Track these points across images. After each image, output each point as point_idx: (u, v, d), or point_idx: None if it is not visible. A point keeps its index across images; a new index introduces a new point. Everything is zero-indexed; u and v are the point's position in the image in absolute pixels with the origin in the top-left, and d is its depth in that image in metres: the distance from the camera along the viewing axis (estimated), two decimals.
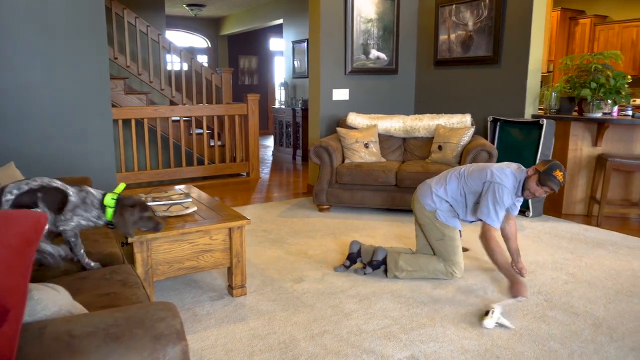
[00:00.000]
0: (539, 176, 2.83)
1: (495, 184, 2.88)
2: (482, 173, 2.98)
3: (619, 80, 4.55)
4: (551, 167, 2.82)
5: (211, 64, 12.40)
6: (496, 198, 2.86)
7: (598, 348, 2.38)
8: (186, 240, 2.71)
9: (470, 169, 3.09)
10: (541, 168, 2.85)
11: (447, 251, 3.15)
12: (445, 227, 3.13)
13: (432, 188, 3.18)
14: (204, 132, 6.37)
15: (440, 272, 3.16)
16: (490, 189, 2.88)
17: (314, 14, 5.46)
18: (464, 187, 3.06)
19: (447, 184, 3.13)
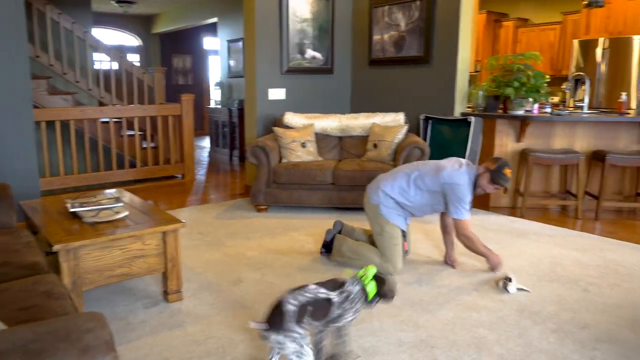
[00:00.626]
0: (490, 175, 3.07)
1: (453, 185, 3.10)
2: (438, 175, 3.15)
3: (538, 79, 4.84)
4: (501, 166, 3.05)
5: (143, 63, 12.00)
6: (458, 197, 3.10)
7: (522, 332, 2.52)
8: (117, 247, 2.61)
9: (424, 169, 3.24)
10: (492, 166, 3.06)
11: (384, 247, 3.25)
12: (386, 223, 3.24)
13: (380, 183, 3.32)
14: (136, 134, 6.16)
15: (375, 261, 3.26)
16: (451, 190, 3.11)
17: (249, 13, 5.41)
18: (418, 185, 3.20)
19: (395, 180, 3.27)
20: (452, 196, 3.12)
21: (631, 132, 4.82)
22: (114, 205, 2.98)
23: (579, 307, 2.80)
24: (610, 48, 6.85)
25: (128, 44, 12.02)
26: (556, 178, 5.05)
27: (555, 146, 4.94)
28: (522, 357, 2.30)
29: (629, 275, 3.25)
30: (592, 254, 3.66)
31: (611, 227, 4.38)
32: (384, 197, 3.26)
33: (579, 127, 4.89)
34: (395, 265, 3.25)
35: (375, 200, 3.29)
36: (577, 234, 4.16)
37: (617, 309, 2.78)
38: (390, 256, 3.24)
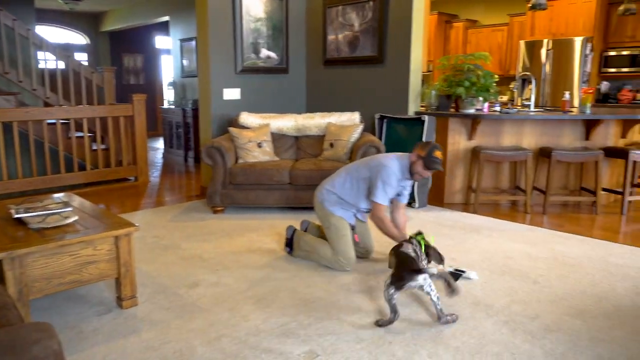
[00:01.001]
0: (423, 161, 3.14)
1: (381, 167, 3.20)
2: (370, 161, 3.32)
3: (488, 79, 4.99)
4: (431, 150, 3.12)
5: (91, 62, 11.60)
6: (384, 179, 3.16)
7: (477, 324, 2.60)
8: (66, 253, 2.51)
9: (360, 161, 3.41)
10: (422, 153, 3.13)
11: (333, 239, 3.33)
12: (332, 216, 3.35)
13: (323, 182, 3.49)
14: (85, 136, 5.95)
15: (328, 259, 3.34)
16: (378, 172, 3.19)
17: (201, 12, 5.32)
18: (353, 176, 3.34)
19: (336, 177, 3.43)
20: (378, 178, 3.18)
21: (574, 129, 5.05)
22: (62, 210, 2.86)
23: (530, 299, 2.90)
24: (554, 49, 7.15)
25: (75, 42, 11.59)
26: (506, 174, 5.23)
27: (504, 143, 5.11)
28: (477, 349, 2.37)
29: (576, 266, 3.40)
30: (541, 247, 3.80)
31: (558, 220, 4.57)
32: (326, 193, 3.41)
33: (526, 125, 5.07)
34: (346, 255, 3.28)
35: (320, 197, 3.44)
36: (527, 227, 4.32)
37: (566, 299, 2.91)
38: (340, 248, 3.30)
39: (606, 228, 4.32)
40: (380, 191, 3.17)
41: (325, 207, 3.38)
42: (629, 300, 2.87)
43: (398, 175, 3.20)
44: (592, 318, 2.66)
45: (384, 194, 3.18)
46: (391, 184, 3.17)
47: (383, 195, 3.17)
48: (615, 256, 3.59)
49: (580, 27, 7.10)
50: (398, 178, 3.20)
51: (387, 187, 3.17)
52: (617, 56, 7.11)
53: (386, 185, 3.16)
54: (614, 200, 5.24)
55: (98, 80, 6.42)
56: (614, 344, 2.40)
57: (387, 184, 3.16)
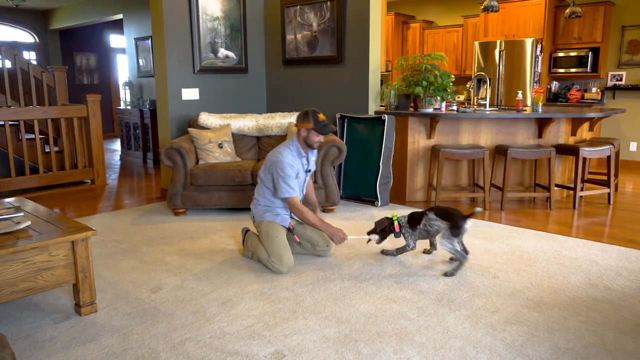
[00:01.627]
0: (315, 129, 3.29)
1: (274, 163, 3.32)
2: (266, 164, 3.42)
3: (444, 79, 5.10)
4: (314, 117, 3.28)
5: (41, 62, 11.16)
6: (280, 174, 3.29)
7: (440, 319, 2.65)
8: (19, 260, 2.41)
9: (262, 167, 3.47)
10: (310, 124, 3.28)
11: (264, 243, 3.38)
12: (260, 224, 3.45)
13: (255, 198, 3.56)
14: (37, 137, 5.72)
15: (264, 261, 3.37)
16: (273, 169, 3.32)
17: (156, 11, 5.21)
18: (263, 184, 3.46)
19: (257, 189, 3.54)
20: (276, 174, 3.30)
21: (528, 127, 5.23)
22: (13, 215, 2.74)
23: (490, 293, 2.98)
24: (506, 50, 7.38)
25: (23, 40, 11.12)
26: (465, 172, 5.35)
27: (462, 142, 5.24)
28: (440, 343, 2.41)
29: (533, 260, 3.52)
30: (500, 242, 3.92)
31: (515, 216, 4.72)
32: (254, 208, 3.52)
33: (482, 123, 5.21)
34: (278, 257, 3.27)
35: (251, 214, 3.56)
36: (486, 223, 4.44)
37: (523, 292, 3.01)
38: (271, 250, 3.31)
39: (560, 222, 4.49)
40: (283, 186, 3.29)
41: (256, 220, 3.50)
42: (582, 292, 3.00)
43: (292, 160, 3.33)
44: (548, 309, 2.76)
45: (288, 187, 3.29)
46: (289, 174, 3.29)
47: (287, 188, 3.29)
48: (569, 249, 3.74)
49: (530, 29, 7.36)
50: (293, 163, 3.33)
51: (287, 179, 3.28)
52: (565, 57, 7.41)
53: (285, 178, 3.28)
54: (566, 195, 5.46)
55: (49, 80, 6.18)
56: (570, 334, 2.50)
57: (286, 176, 3.28)
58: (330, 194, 4.71)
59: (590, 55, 7.17)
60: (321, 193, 4.69)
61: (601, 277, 3.21)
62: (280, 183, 3.29)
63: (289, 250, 3.33)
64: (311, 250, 3.57)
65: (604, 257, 3.57)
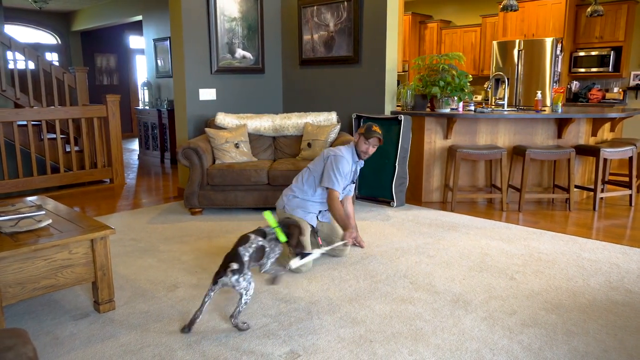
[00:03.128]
0: (364, 136, 3.46)
1: (332, 157, 3.45)
2: (322, 155, 3.55)
3: (462, 79, 5.06)
4: (368, 126, 3.47)
5: (63, 63, 11.35)
6: (335, 167, 3.40)
7: (456, 321, 2.63)
8: (40, 257, 2.45)
9: (316, 158, 3.58)
10: (362, 131, 3.48)
11: None
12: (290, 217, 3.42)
13: (285, 191, 3.61)
14: (58, 137, 5.82)
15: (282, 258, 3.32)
16: (330, 161, 3.44)
17: (175, 12, 5.26)
18: (312, 172, 3.52)
19: (299, 177, 3.58)
20: (331, 166, 3.41)
21: (547, 128, 5.16)
22: (35, 214, 2.80)
23: (507, 295, 2.95)
24: (525, 49, 7.29)
25: (45, 42, 11.33)
26: (482, 172, 5.31)
27: (479, 142, 5.19)
28: (456, 345, 2.40)
29: (551, 262, 3.48)
30: (517, 244, 3.87)
31: (533, 217, 4.66)
32: (287, 200, 3.55)
33: (500, 124, 5.16)
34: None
35: (281, 205, 3.58)
36: (503, 225, 4.39)
37: (541, 294, 2.97)
38: None
39: (579, 224, 4.43)
40: (332, 177, 3.38)
41: (286, 212, 3.52)
42: (602, 295, 2.95)
43: (349, 160, 3.48)
44: (567, 312, 2.72)
45: (336, 181, 3.38)
46: (342, 169, 3.40)
47: (335, 180, 3.38)
48: (588, 252, 3.68)
49: (550, 28, 7.26)
50: (349, 162, 3.48)
51: (338, 174, 3.38)
52: (586, 56, 7.30)
53: (338, 172, 3.38)
54: (586, 197, 5.37)
55: (70, 81, 6.29)
56: (589, 337, 2.46)
57: (338, 170, 3.38)
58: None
59: (612, 54, 7.05)
60: None
61: (622, 280, 3.15)
62: (331, 174, 3.38)
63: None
64: (336, 253, 3.56)
65: (625, 260, 3.50)
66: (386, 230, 4.24)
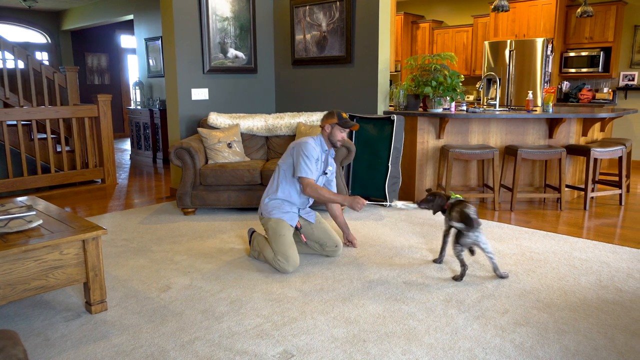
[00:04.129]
0: (338, 125, 3.40)
1: (298, 144, 3.39)
2: (288, 150, 3.47)
3: (454, 79, 5.08)
4: (339, 115, 3.41)
5: (53, 62, 11.26)
6: (303, 154, 3.34)
7: (449, 320, 2.64)
8: (31, 258, 2.43)
9: (284, 154, 3.53)
10: (333, 120, 3.41)
11: (271, 240, 3.37)
12: (268, 221, 3.43)
13: (266, 191, 3.54)
14: (48, 137, 5.78)
15: (270, 261, 3.36)
16: (297, 150, 3.38)
17: (166, 11, 5.24)
18: (282, 168, 3.47)
19: (273, 179, 3.52)
20: (299, 154, 3.35)
21: (538, 127, 5.19)
22: (25, 214, 2.77)
23: (499, 294, 2.97)
24: (517, 49, 7.33)
25: (35, 41, 11.23)
26: (474, 172, 5.33)
27: (472, 142, 5.21)
28: (449, 344, 2.40)
29: (542, 261, 3.50)
30: (509, 243, 3.89)
31: (524, 216, 4.69)
32: (264, 205, 3.48)
33: (492, 124, 5.19)
34: (285, 255, 3.26)
35: (260, 210, 3.53)
36: (495, 224, 4.41)
37: (533, 293, 2.99)
38: (277, 248, 3.30)
39: (570, 223, 4.46)
40: (303, 166, 3.33)
41: (264, 216, 3.47)
42: (593, 293, 2.97)
43: (317, 149, 3.40)
44: (558, 311, 2.74)
45: (307, 168, 3.33)
46: (311, 156, 3.33)
47: (306, 168, 3.33)
48: (579, 251, 3.71)
49: (541, 29, 7.31)
50: (315, 148, 3.39)
51: (307, 161, 3.33)
52: (576, 57, 7.35)
53: (307, 159, 3.32)
54: (577, 196, 5.41)
55: (60, 80, 6.24)
56: (580, 336, 2.48)
57: (307, 158, 3.32)
58: (339, 193, 4.70)
59: (602, 55, 7.11)
60: None
61: (612, 279, 3.18)
62: (301, 162, 3.32)
63: (295, 249, 3.33)
64: (320, 250, 3.58)
65: (615, 259, 3.53)
66: (379, 230, 4.25)
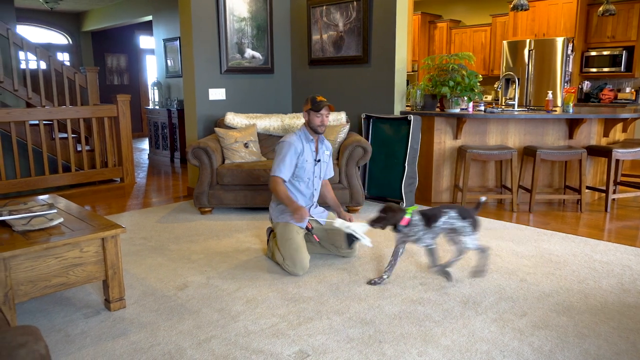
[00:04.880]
0: (312, 110, 3.33)
1: (278, 145, 3.40)
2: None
3: (472, 79, 5.03)
4: (312, 100, 3.36)
5: (74, 63, 11.45)
6: (277, 152, 3.37)
7: (466, 322, 2.62)
8: (52, 255, 2.47)
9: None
10: (307, 106, 3.37)
11: (280, 245, 3.35)
12: (277, 225, 3.43)
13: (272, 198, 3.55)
14: (69, 137, 5.87)
15: (280, 263, 3.36)
16: (276, 150, 3.40)
17: (185, 12, 5.29)
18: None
19: None
20: (275, 153, 3.39)
21: (558, 128, 5.12)
22: (47, 212, 2.82)
23: (517, 296, 2.93)
24: (536, 49, 7.24)
25: (57, 42, 11.43)
26: (492, 173, 5.28)
27: (490, 143, 5.16)
28: (466, 347, 2.38)
29: (562, 264, 3.45)
30: (528, 245, 3.85)
31: (543, 218, 4.63)
32: (271, 209, 3.52)
33: (510, 124, 5.13)
34: (293, 259, 3.24)
35: (269, 216, 3.55)
36: (514, 226, 4.36)
37: (552, 296, 2.94)
38: (285, 253, 3.28)
39: (590, 225, 4.39)
40: (275, 164, 3.33)
41: (273, 221, 3.49)
42: (614, 297, 2.92)
43: (296, 141, 3.35)
44: (578, 314, 2.70)
45: (278, 167, 3.31)
46: (287, 153, 3.30)
47: (275, 167, 3.32)
48: (600, 253, 3.65)
49: (561, 28, 7.21)
50: (296, 144, 3.34)
51: (280, 158, 3.31)
52: (597, 56, 7.23)
53: (283, 157, 3.30)
54: (597, 198, 5.32)
55: (81, 81, 6.34)
56: (601, 340, 2.44)
57: (283, 156, 3.30)
58: (355, 194, 4.70)
59: (625, 54, 6.98)
60: (346, 193, 4.68)
61: (634, 282, 3.12)
62: (274, 160, 3.35)
63: (303, 252, 3.27)
64: (335, 252, 3.57)
65: (638, 262, 3.47)
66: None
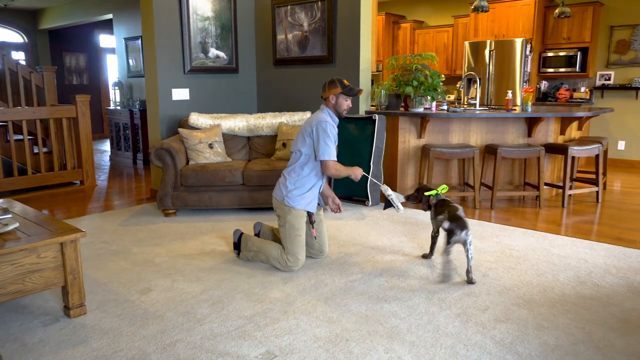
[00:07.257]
0: (343, 94, 3.28)
1: (317, 125, 3.21)
2: (305, 128, 3.29)
3: (435, 79, 5.12)
4: (341, 82, 3.30)
5: (30, 62, 11.06)
6: (325, 133, 3.19)
7: (431, 318, 2.66)
8: (7, 262, 2.38)
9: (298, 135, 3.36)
10: (337, 89, 3.28)
11: (286, 239, 3.30)
12: (289, 212, 3.27)
13: (284, 176, 3.35)
14: (25, 138, 5.67)
15: (275, 258, 3.31)
16: (317, 129, 3.21)
17: (146, 10, 5.18)
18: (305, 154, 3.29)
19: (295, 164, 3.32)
20: (317, 136, 3.20)
21: (517, 126, 5.26)
22: (1, 217, 2.72)
23: (480, 291, 3.00)
24: (496, 49, 7.41)
25: (11, 40, 11.01)
26: (455, 171, 5.38)
27: (453, 141, 5.26)
28: (431, 342, 2.42)
29: (522, 258, 3.55)
30: (490, 241, 3.94)
31: (504, 214, 4.75)
32: (284, 188, 3.31)
33: (472, 123, 5.24)
34: (296, 257, 3.26)
35: (280, 195, 3.33)
36: (476, 222, 4.46)
37: (513, 290, 3.03)
38: (291, 248, 3.27)
39: (549, 221, 4.53)
40: (324, 147, 3.19)
41: (286, 203, 3.28)
42: (571, 289, 3.02)
43: (332, 123, 3.28)
44: (537, 307, 2.78)
45: (329, 148, 3.20)
46: (330, 134, 3.21)
47: (328, 149, 3.20)
48: (558, 247, 3.77)
49: (520, 29, 7.41)
50: (332, 125, 3.28)
51: (328, 141, 3.20)
52: (554, 57, 7.46)
53: (327, 139, 3.19)
54: (555, 194, 5.50)
55: (37, 81, 6.13)
56: (559, 331, 2.52)
57: (329, 136, 3.20)
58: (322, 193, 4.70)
59: (579, 55, 7.23)
60: None
61: (590, 275, 3.24)
62: (322, 144, 3.18)
63: (304, 251, 3.32)
64: (315, 254, 3.54)
65: (593, 255, 3.60)
66: (361, 229, 4.26)
